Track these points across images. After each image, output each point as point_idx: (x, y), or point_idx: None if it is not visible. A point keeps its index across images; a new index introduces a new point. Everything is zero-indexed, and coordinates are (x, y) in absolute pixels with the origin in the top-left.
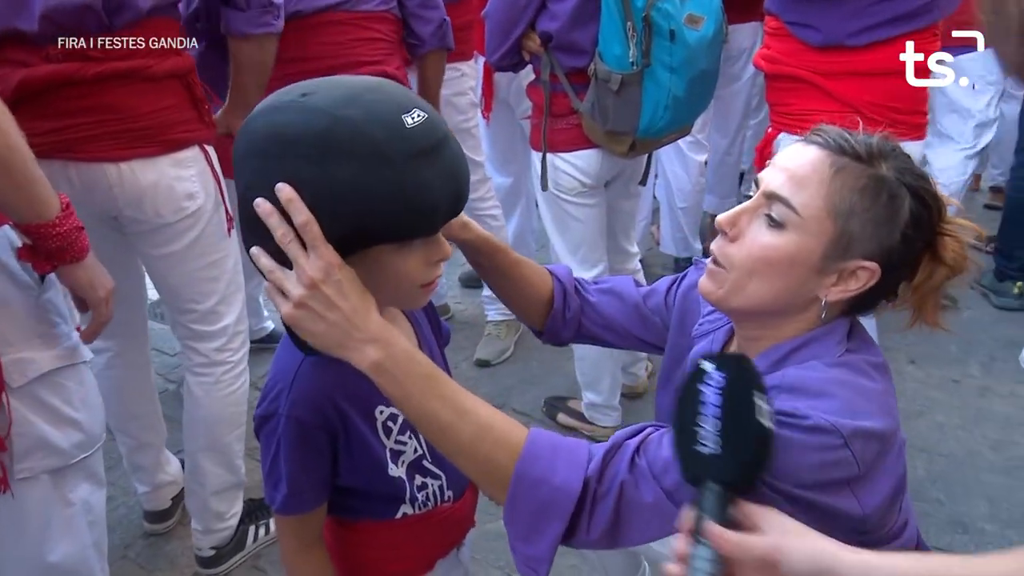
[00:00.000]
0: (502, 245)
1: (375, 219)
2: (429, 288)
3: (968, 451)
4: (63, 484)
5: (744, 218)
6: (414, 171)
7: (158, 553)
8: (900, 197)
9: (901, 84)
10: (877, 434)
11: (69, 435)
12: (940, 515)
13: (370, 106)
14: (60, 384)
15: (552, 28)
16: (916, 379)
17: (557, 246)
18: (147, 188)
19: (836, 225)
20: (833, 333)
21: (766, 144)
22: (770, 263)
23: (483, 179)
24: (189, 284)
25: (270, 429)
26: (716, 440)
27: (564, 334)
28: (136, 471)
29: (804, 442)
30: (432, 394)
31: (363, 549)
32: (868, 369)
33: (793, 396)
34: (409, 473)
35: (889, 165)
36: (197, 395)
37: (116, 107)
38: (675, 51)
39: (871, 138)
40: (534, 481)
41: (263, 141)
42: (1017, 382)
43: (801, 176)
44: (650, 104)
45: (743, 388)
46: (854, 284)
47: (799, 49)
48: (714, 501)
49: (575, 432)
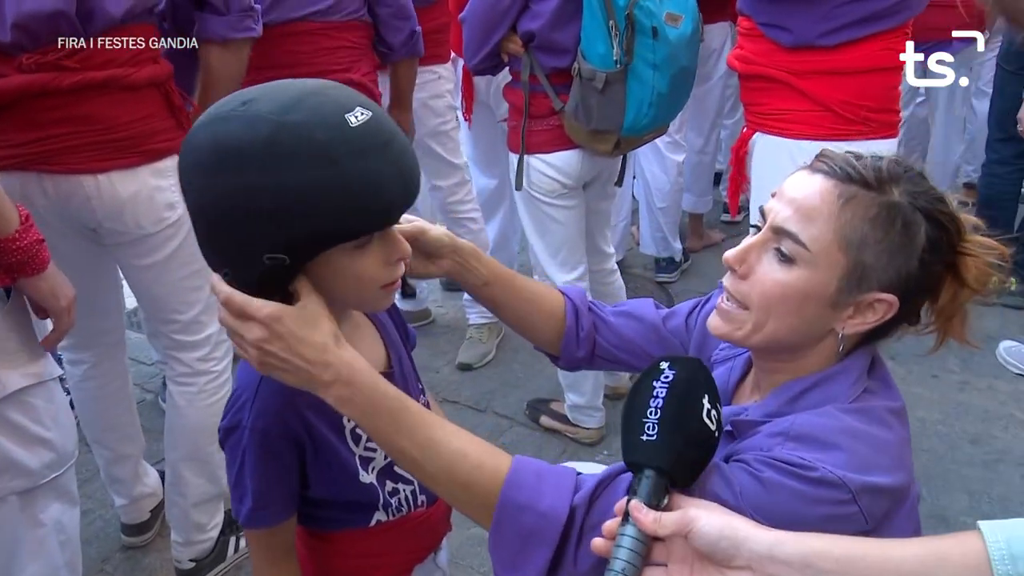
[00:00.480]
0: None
1: (328, 220)
2: (391, 288)
3: (948, 445)
4: (33, 505)
5: (753, 254)
6: (362, 168)
7: (136, 567)
8: (915, 223)
9: (872, 82)
10: (887, 490)
11: (39, 455)
12: (921, 509)
13: (313, 109)
14: (28, 403)
15: (535, 27)
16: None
17: (537, 249)
18: (127, 200)
19: (849, 258)
20: (850, 371)
21: (741, 144)
22: (783, 300)
23: (462, 182)
24: (172, 294)
25: (234, 441)
26: (655, 428)
27: (579, 354)
28: (114, 483)
29: (809, 494)
30: (399, 428)
31: (338, 559)
32: (885, 416)
33: (800, 446)
34: (380, 479)
35: (901, 189)
36: (180, 405)
37: (94, 117)
38: (658, 48)
39: (880, 160)
40: (519, 507)
41: (209, 155)
42: (995, 376)
43: (809, 208)
44: (634, 102)
45: (692, 386)
46: (872, 316)
47: (771, 49)
48: (646, 486)
49: (558, 434)
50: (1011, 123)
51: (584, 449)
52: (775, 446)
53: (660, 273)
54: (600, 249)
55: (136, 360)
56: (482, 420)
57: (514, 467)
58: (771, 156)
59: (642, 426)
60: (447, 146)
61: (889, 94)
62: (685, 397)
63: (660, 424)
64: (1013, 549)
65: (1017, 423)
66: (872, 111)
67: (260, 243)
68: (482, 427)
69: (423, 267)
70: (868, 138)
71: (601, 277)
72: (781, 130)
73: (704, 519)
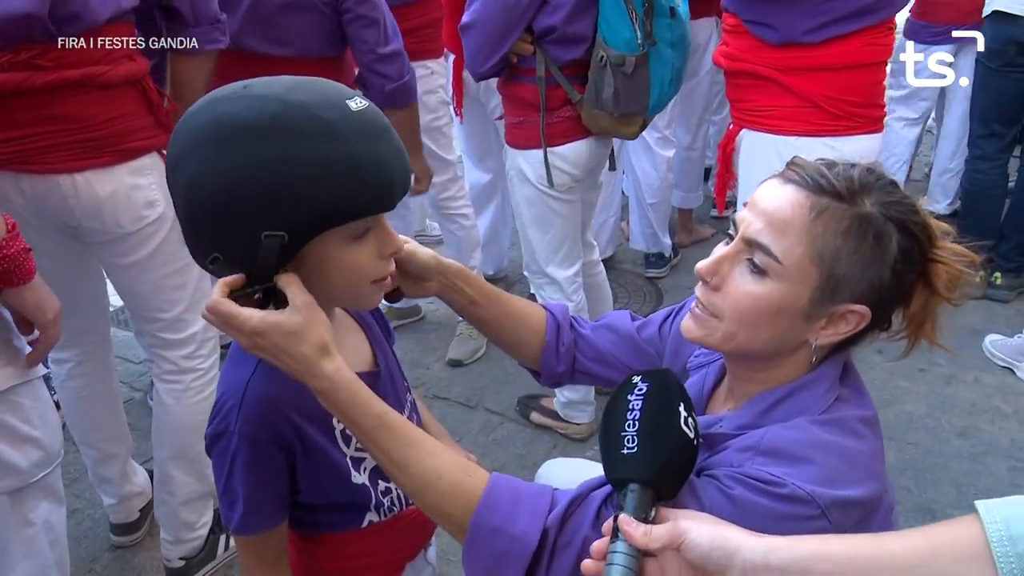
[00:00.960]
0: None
1: (332, 197)
2: (381, 284)
3: (936, 439)
4: (22, 504)
5: (725, 265)
6: (366, 147)
7: (125, 566)
8: (887, 234)
9: (857, 77)
10: (858, 502)
11: (28, 454)
12: (909, 502)
13: (316, 92)
14: (16, 402)
15: (554, 22)
16: (884, 369)
17: (538, 245)
18: (105, 199)
19: (821, 271)
20: (822, 380)
21: (728, 141)
22: (755, 313)
23: (454, 178)
24: (154, 292)
25: (222, 448)
26: (635, 440)
27: (559, 368)
28: (102, 483)
29: (779, 510)
30: (377, 444)
31: (330, 561)
32: (856, 427)
33: (770, 460)
34: (372, 479)
35: (873, 200)
36: (167, 403)
37: (70, 117)
38: (675, 27)
39: (851, 170)
40: (493, 530)
41: (210, 131)
42: (981, 369)
43: (780, 221)
44: (657, 81)
45: (666, 397)
46: (844, 327)
47: (757, 46)
48: (632, 500)
49: (548, 430)
50: (993, 119)
51: (574, 445)
52: (745, 461)
53: (650, 268)
54: (587, 241)
55: (124, 358)
56: (473, 416)
57: (489, 487)
58: (758, 152)
59: (621, 440)
60: (440, 142)
61: (874, 89)
62: (661, 406)
63: (639, 436)
64: (1012, 530)
65: (1003, 416)
66: (857, 106)
67: (260, 220)
68: (473, 423)
69: (411, 289)
70: (853, 133)
71: (588, 268)
72: (767, 126)
73: (695, 530)
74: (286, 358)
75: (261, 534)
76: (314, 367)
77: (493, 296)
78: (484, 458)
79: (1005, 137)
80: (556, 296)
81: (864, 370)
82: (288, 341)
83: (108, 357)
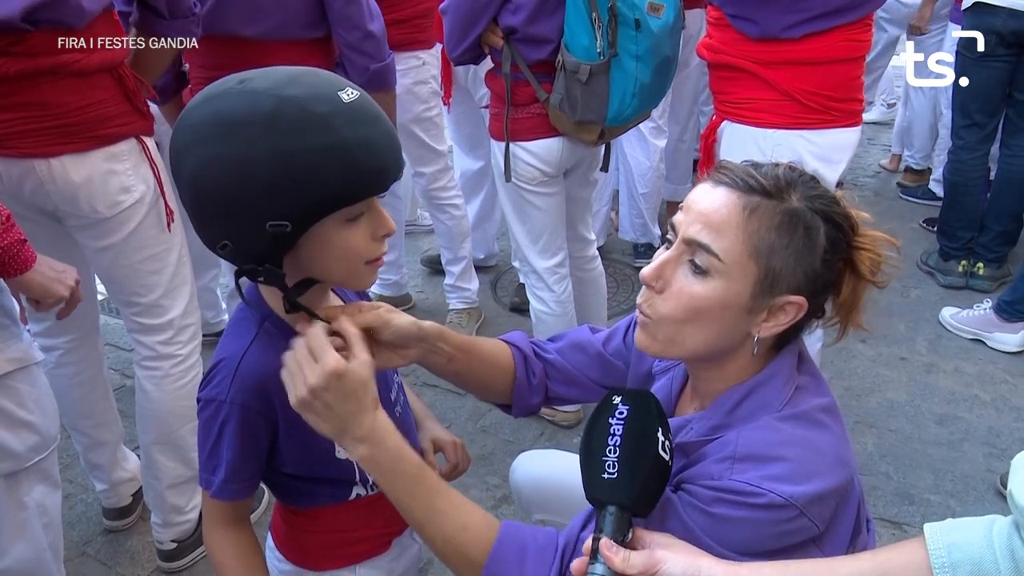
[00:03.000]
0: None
1: (328, 186)
2: (375, 265)
3: (915, 426)
4: (17, 487)
5: (668, 268)
6: (359, 135)
7: (119, 549)
8: (815, 227)
9: (835, 72)
10: (833, 492)
11: (23, 438)
12: (888, 488)
13: (308, 85)
14: (11, 387)
15: (515, 22)
16: (866, 357)
17: (518, 235)
18: (80, 183)
19: (759, 266)
20: (780, 374)
21: (710, 132)
22: (701, 312)
23: (445, 168)
24: (130, 277)
25: (211, 412)
26: (615, 466)
27: (533, 401)
28: (93, 469)
29: (760, 519)
30: (414, 494)
31: (319, 535)
32: (819, 417)
33: (748, 465)
34: None
35: (798, 195)
36: (147, 389)
37: (44, 103)
38: (641, 40)
39: (777, 169)
40: None
41: (209, 127)
42: (961, 359)
43: (717, 221)
44: (618, 93)
45: (645, 421)
46: (784, 318)
47: (738, 39)
48: (611, 522)
49: (537, 417)
50: (974, 109)
51: (562, 432)
52: (724, 472)
53: (639, 259)
54: (581, 236)
55: (115, 345)
56: (463, 403)
57: (499, 540)
58: (738, 144)
59: (602, 465)
60: (431, 132)
61: (852, 83)
62: (641, 434)
63: (620, 463)
64: (953, 556)
65: (981, 404)
66: (835, 100)
67: (264, 212)
68: (462, 410)
69: (388, 360)
70: (831, 127)
71: (582, 264)
72: (748, 118)
73: (670, 562)
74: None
75: (236, 501)
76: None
77: (466, 347)
78: (472, 445)
79: (986, 127)
80: (539, 285)
81: (847, 359)
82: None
83: (97, 344)
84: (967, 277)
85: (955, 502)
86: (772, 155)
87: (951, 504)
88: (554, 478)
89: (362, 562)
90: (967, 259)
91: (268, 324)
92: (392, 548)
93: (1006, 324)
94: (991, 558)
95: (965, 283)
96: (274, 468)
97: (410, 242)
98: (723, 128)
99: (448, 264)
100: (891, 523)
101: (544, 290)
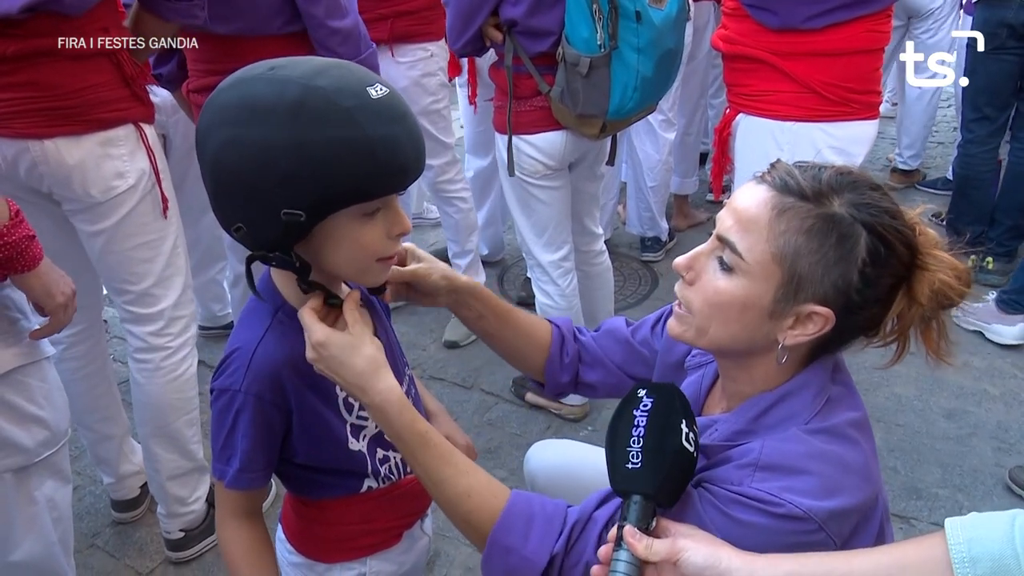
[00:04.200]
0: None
1: (347, 178)
2: (387, 263)
3: (923, 420)
4: (27, 482)
5: (700, 260)
6: (382, 133)
7: (127, 540)
8: (853, 236)
9: (855, 63)
10: (855, 510)
11: (34, 433)
12: (896, 483)
13: (337, 78)
14: (22, 382)
15: (516, 14)
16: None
17: (523, 229)
18: (74, 166)
19: (783, 269)
20: (811, 384)
21: (725, 126)
22: (722, 308)
23: (452, 161)
24: (121, 264)
25: (226, 403)
26: (639, 456)
27: (563, 379)
28: (100, 463)
29: (776, 528)
30: (416, 459)
31: (331, 527)
32: (848, 432)
33: (770, 475)
34: (371, 447)
35: (843, 200)
36: (139, 381)
37: (40, 84)
38: (641, 32)
39: (822, 172)
40: (506, 548)
41: (235, 110)
42: (971, 353)
43: (747, 220)
44: (619, 86)
45: (669, 412)
46: (811, 328)
47: (756, 30)
48: (635, 511)
49: (543, 410)
50: (983, 102)
51: (569, 425)
52: (745, 479)
53: (646, 252)
54: (588, 230)
55: (119, 337)
56: (469, 397)
57: (507, 508)
58: (754, 137)
59: (626, 455)
60: (439, 125)
61: (871, 75)
62: (664, 425)
63: (643, 453)
64: (973, 551)
65: (990, 398)
66: (855, 92)
67: (279, 199)
68: (468, 404)
69: (420, 300)
70: (850, 119)
71: (589, 258)
72: (764, 111)
73: (691, 549)
74: (342, 371)
75: (250, 491)
76: (366, 382)
77: (501, 311)
78: (479, 438)
79: (996, 121)
80: (544, 279)
81: (855, 352)
82: (344, 354)
83: (101, 339)
84: (977, 272)
85: (963, 496)
86: (789, 148)
87: (959, 498)
88: (569, 467)
89: (373, 555)
90: (977, 254)
91: (281, 314)
92: (403, 541)
93: (1005, 316)
94: (1012, 553)
95: (975, 278)
96: (286, 459)
97: (417, 235)
98: (738, 121)
99: (455, 257)
100: (899, 518)
101: (549, 284)
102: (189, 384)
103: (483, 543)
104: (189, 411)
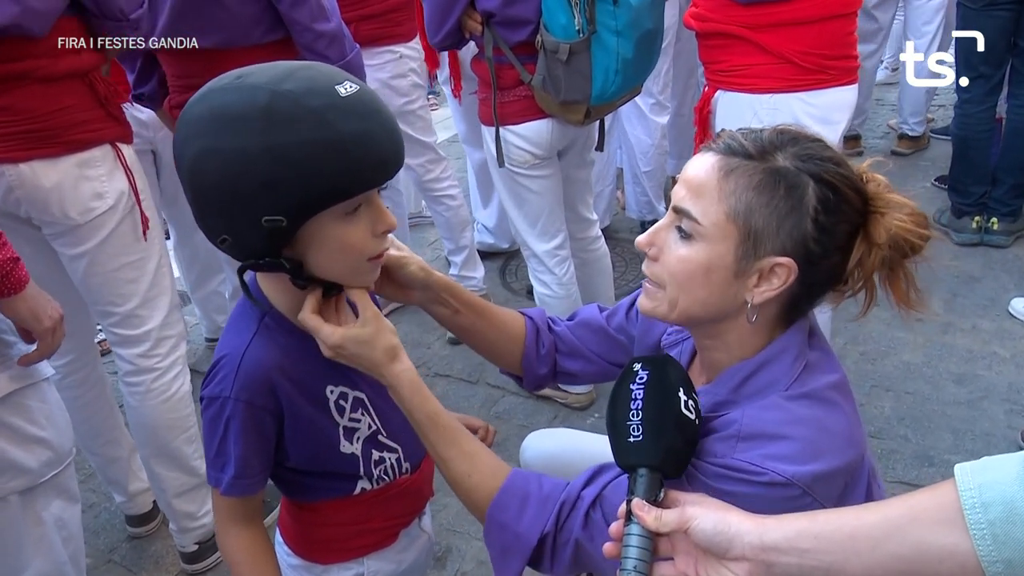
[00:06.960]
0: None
1: (324, 178)
2: (377, 262)
3: (933, 387)
4: (34, 503)
5: (661, 235)
6: (354, 129)
7: (143, 555)
8: (801, 185)
9: (828, 29)
10: (840, 472)
11: (37, 454)
12: (907, 451)
13: (305, 80)
14: (21, 404)
15: (492, 6)
16: (881, 320)
17: (516, 219)
18: (51, 189)
19: (739, 227)
20: (788, 351)
21: (704, 104)
22: (688, 275)
23: (435, 159)
24: (105, 285)
25: (217, 410)
26: (640, 428)
27: (541, 371)
28: (110, 483)
29: (764, 495)
30: (427, 439)
31: (326, 528)
32: (829, 395)
33: (751, 444)
34: (365, 449)
35: (786, 154)
36: (132, 404)
37: (12, 108)
38: (619, 14)
39: (762, 132)
40: (500, 524)
41: (206, 122)
42: (979, 316)
43: (697, 185)
44: (600, 70)
45: (666, 383)
46: (776, 282)
47: (726, 5)
48: (643, 484)
49: (549, 400)
50: (978, 61)
51: (575, 414)
52: (727, 451)
53: None
54: (583, 217)
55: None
56: (475, 392)
57: (504, 487)
58: (734, 113)
59: (627, 429)
60: (416, 125)
61: (846, 40)
62: (662, 394)
63: (644, 424)
64: (984, 496)
65: (1000, 360)
66: (830, 59)
67: (259, 207)
68: (475, 398)
69: (391, 293)
70: (828, 86)
71: (585, 245)
72: (742, 86)
73: (700, 518)
74: (360, 362)
75: (247, 497)
76: (383, 369)
77: (477, 307)
78: None
79: (992, 79)
80: (540, 268)
81: (860, 323)
82: (362, 349)
83: (96, 364)
84: (981, 233)
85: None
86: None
87: None
88: (564, 454)
89: (369, 554)
90: (980, 215)
91: (268, 319)
92: (400, 539)
93: None
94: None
95: (980, 239)
96: (278, 462)
97: (416, 234)
98: (717, 98)
99: (451, 254)
100: (911, 486)
101: (545, 273)
102: (183, 403)
103: (482, 519)
104: (187, 429)
